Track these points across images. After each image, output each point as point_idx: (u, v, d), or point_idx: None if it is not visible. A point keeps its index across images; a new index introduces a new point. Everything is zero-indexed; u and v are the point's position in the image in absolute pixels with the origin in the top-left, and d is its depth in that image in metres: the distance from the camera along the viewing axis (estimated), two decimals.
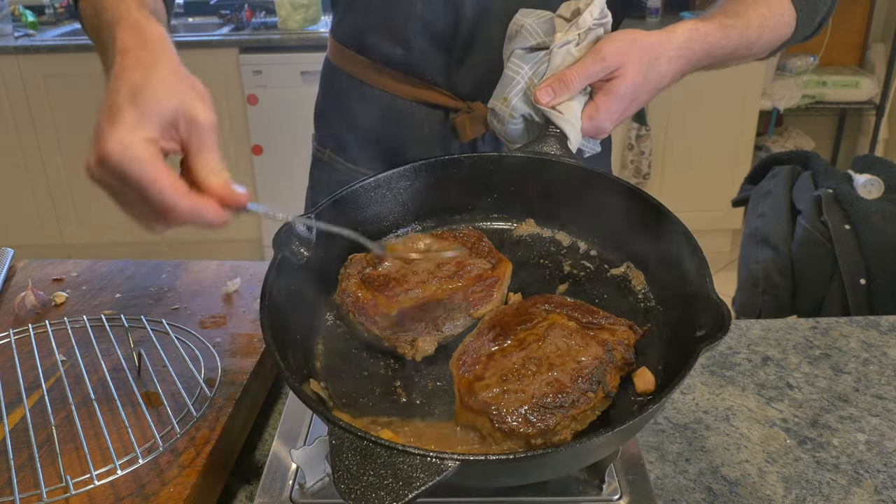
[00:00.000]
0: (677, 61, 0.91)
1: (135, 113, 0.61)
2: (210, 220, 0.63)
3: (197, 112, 0.64)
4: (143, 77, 0.64)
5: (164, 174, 0.61)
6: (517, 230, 0.95)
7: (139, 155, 0.60)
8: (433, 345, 0.78)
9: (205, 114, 0.64)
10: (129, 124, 0.61)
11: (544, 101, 0.88)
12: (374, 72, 1.16)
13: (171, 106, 0.63)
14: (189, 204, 0.62)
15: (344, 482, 0.55)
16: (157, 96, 0.63)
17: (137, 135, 0.61)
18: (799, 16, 1.03)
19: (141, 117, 0.61)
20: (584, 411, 0.69)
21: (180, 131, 0.64)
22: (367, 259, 0.86)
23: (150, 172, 0.60)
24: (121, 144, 0.60)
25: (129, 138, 0.60)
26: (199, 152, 0.64)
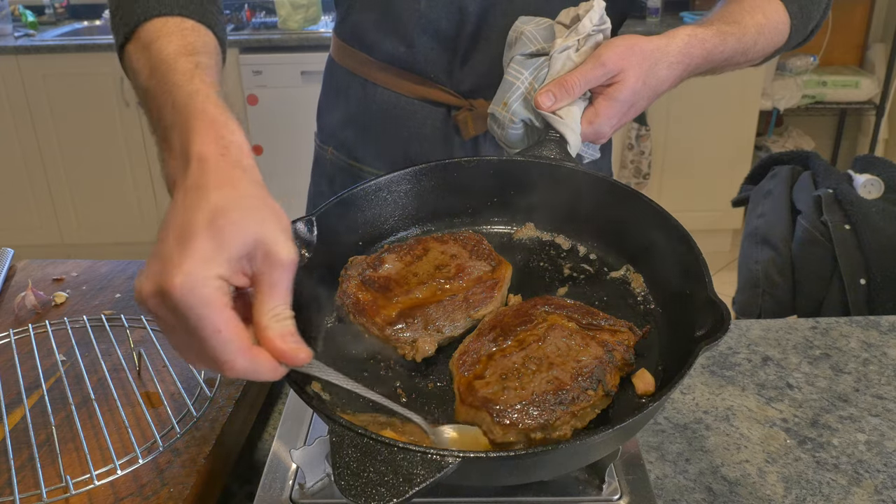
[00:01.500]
0: (676, 67, 0.92)
1: (211, 242, 0.53)
2: (264, 378, 0.57)
3: (279, 247, 0.56)
4: (227, 199, 0.55)
5: (229, 325, 0.53)
6: (517, 234, 0.96)
7: (207, 299, 0.52)
8: (433, 345, 0.78)
9: (287, 251, 0.56)
10: (202, 256, 0.53)
11: (545, 106, 0.88)
12: (376, 69, 1.16)
13: (252, 237, 0.55)
14: (246, 362, 0.55)
15: (344, 479, 0.55)
16: (240, 224, 0.54)
17: (210, 271, 0.53)
18: (793, 23, 1.04)
19: (217, 248, 0.53)
20: (584, 408, 0.69)
21: (255, 265, 0.56)
22: (367, 261, 0.86)
23: (214, 321, 0.53)
24: (189, 281, 0.52)
25: (201, 275, 0.52)
26: (270, 294, 0.56)
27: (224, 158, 0.58)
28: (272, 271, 0.56)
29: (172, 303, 0.52)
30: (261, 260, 0.56)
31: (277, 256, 0.56)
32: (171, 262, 0.52)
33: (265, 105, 3.53)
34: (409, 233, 0.95)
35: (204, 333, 0.53)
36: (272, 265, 0.56)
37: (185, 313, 0.52)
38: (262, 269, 0.56)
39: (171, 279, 0.52)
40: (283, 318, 0.57)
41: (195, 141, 0.59)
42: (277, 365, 0.57)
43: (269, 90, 3.51)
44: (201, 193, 0.55)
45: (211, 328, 0.53)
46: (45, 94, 3.58)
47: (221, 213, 0.54)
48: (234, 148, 0.59)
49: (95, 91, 3.56)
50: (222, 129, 0.60)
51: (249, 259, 0.55)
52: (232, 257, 0.54)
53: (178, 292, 0.51)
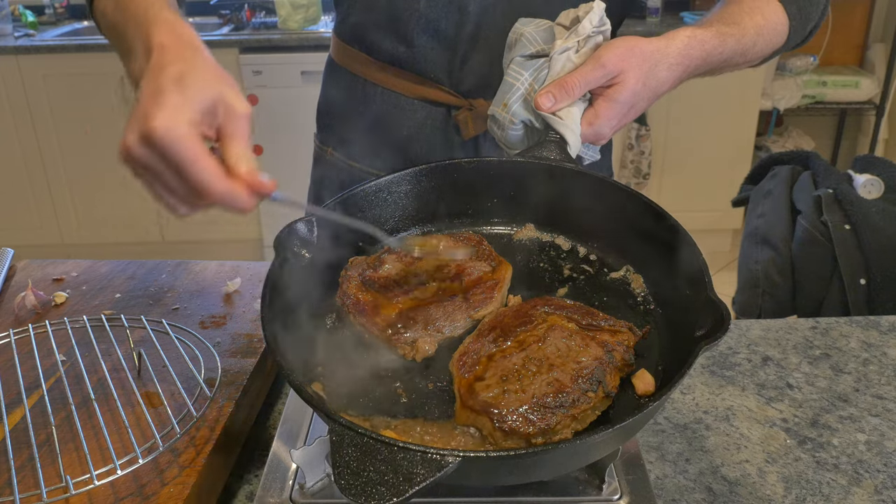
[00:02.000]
0: (676, 68, 0.92)
1: (180, 96, 0.64)
2: (240, 204, 0.66)
3: (235, 101, 0.67)
4: (186, 68, 0.67)
5: (204, 155, 0.64)
6: (517, 235, 0.96)
7: (183, 134, 0.62)
8: (433, 346, 0.78)
9: (241, 104, 0.68)
10: (173, 106, 0.63)
11: (545, 107, 0.88)
12: (376, 69, 1.16)
13: (212, 93, 0.66)
14: (224, 187, 0.64)
15: (344, 478, 0.56)
16: (200, 84, 0.66)
17: (182, 116, 0.63)
18: (792, 24, 1.04)
19: (185, 100, 0.64)
20: (584, 411, 0.69)
21: (217, 118, 0.67)
22: (367, 262, 0.86)
23: (192, 151, 0.63)
24: (166, 123, 0.62)
25: (174, 118, 0.63)
26: (233, 139, 0.67)
27: (180, 43, 0.71)
28: (233, 121, 0.67)
29: (154, 141, 0.62)
30: (222, 114, 0.67)
31: (235, 108, 0.67)
32: (149, 112, 0.63)
33: (265, 105, 3.53)
34: (409, 233, 0.95)
35: (184, 163, 0.63)
36: (232, 116, 0.67)
37: (166, 149, 0.62)
38: (224, 121, 0.67)
39: (151, 122, 0.62)
40: (248, 159, 0.67)
41: (154, 35, 0.71)
42: (250, 194, 0.66)
43: (269, 90, 3.51)
44: (166, 66, 0.67)
45: (189, 158, 0.63)
46: (45, 94, 3.58)
47: (184, 76, 0.66)
48: (186, 37, 0.72)
49: (95, 91, 3.56)
50: (175, 25, 0.73)
51: (212, 114, 0.66)
52: (198, 107, 0.65)
53: (159, 131, 0.62)
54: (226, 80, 0.69)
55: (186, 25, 0.74)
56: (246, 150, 0.68)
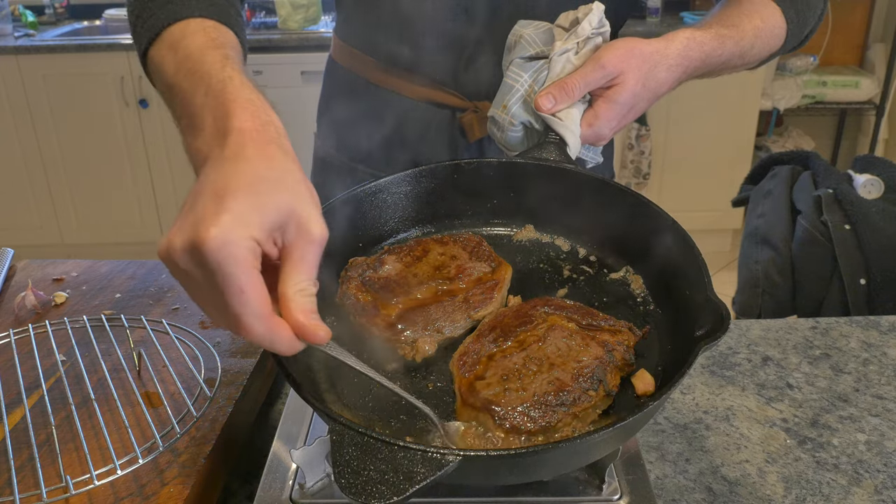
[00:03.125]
0: (675, 69, 0.92)
1: (250, 203, 0.54)
2: (281, 349, 0.57)
3: (312, 222, 0.57)
4: (267, 167, 0.56)
5: (254, 288, 0.53)
6: (517, 236, 0.96)
7: (238, 257, 0.52)
8: (433, 346, 0.78)
9: (318, 226, 0.57)
10: (240, 214, 0.53)
11: (545, 108, 0.89)
12: (380, 71, 1.16)
13: (288, 207, 0.55)
14: (264, 330, 0.55)
15: (344, 477, 0.56)
16: (278, 193, 0.55)
17: (245, 231, 0.53)
18: (789, 28, 1.04)
19: (255, 210, 0.54)
20: (585, 409, 0.69)
21: (286, 235, 0.56)
22: (367, 262, 0.87)
23: (241, 281, 0.53)
24: (225, 235, 0.52)
25: (236, 233, 0.52)
26: (297, 267, 0.56)
27: (263, 135, 0.59)
28: (303, 245, 0.56)
29: (203, 255, 0.52)
30: (293, 232, 0.56)
31: (310, 230, 0.56)
32: (208, 216, 0.52)
33: None
34: (409, 234, 0.95)
35: (228, 292, 0.53)
36: (304, 238, 0.56)
37: (214, 268, 0.52)
38: (293, 242, 0.56)
39: (207, 231, 0.51)
40: (308, 294, 0.57)
41: (234, 117, 0.60)
42: (295, 339, 0.57)
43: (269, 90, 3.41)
44: (242, 160, 0.56)
45: (236, 287, 0.53)
46: (45, 94, 3.58)
47: (261, 180, 0.55)
48: (271, 126, 0.61)
49: (95, 91, 3.56)
50: (259, 110, 0.62)
51: (282, 230, 0.56)
52: (268, 222, 0.54)
53: (212, 245, 0.51)
54: (307, 192, 0.58)
55: (270, 108, 0.63)
56: (308, 283, 0.57)
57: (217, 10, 0.79)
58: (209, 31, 0.75)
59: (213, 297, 0.54)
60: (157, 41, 0.77)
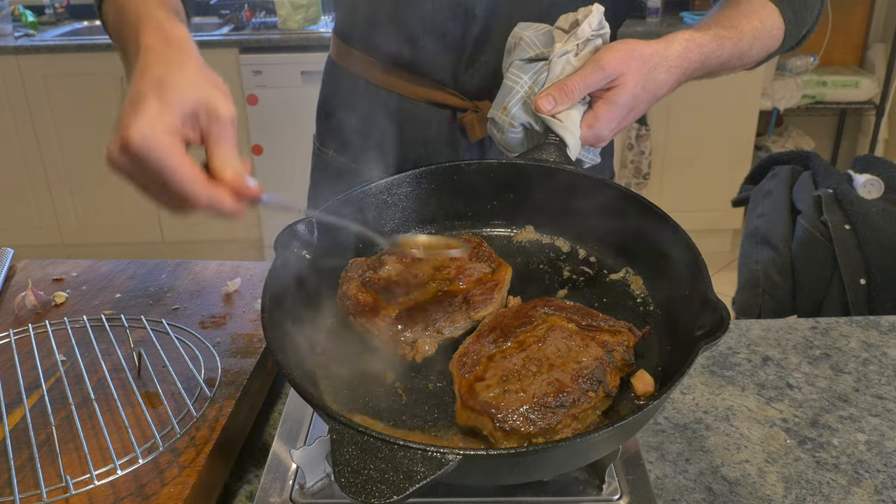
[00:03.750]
0: (675, 71, 0.92)
1: (158, 102, 0.63)
2: (227, 210, 0.65)
3: (218, 105, 0.65)
4: (167, 71, 0.66)
5: (183, 163, 0.62)
6: (517, 237, 0.96)
7: (161, 142, 0.61)
8: (433, 346, 0.78)
9: (226, 107, 0.66)
10: (152, 112, 0.62)
11: (545, 109, 0.89)
12: (380, 71, 1.16)
13: (194, 97, 0.64)
14: (207, 193, 0.63)
15: (344, 476, 0.56)
16: (181, 88, 0.64)
17: (160, 123, 0.62)
18: (787, 28, 1.05)
19: (164, 106, 0.63)
20: (585, 410, 0.69)
21: (201, 122, 0.65)
22: (367, 262, 0.87)
23: (170, 160, 0.61)
24: (143, 131, 0.61)
25: (152, 126, 0.61)
26: (217, 144, 0.66)
27: (166, 45, 0.69)
28: (217, 125, 0.65)
29: (133, 153, 0.61)
30: (205, 117, 0.65)
31: (219, 112, 0.65)
32: (127, 122, 0.62)
33: (265, 105, 3.53)
34: (408, 235, 0.95)
35: (165, 174, 0.62)
36: (216, 121, 0.65)
37: (145, 159, 0.61)
38: (207, 125, 0.65)
39: (129, 133, 0.61)
40: (234, 163, 0.66)
41: (142, 36, 0.70)
42: (236, 200, 0.65)
43: (269, 90, 3.51)
44: (146, 71, 0.66)
45: (170, 168, 0.61)
46: (45, 94, 3.58)
47: (164, 82, 0.64)
48: (174, 38, 0.70)
49: (95, 91, 3.56)
50: (165, 26, 0.71)
51: (196, 117, 0.65)
52: (177, 112, 0.63)
53: (136, 141, 0.61)
54: (210, 82, 0.67)
55: (177, 23, 0.73)
56: (230, 154, 0.66)
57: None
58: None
59: (158, 186, 0.63)
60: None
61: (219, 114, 0.65)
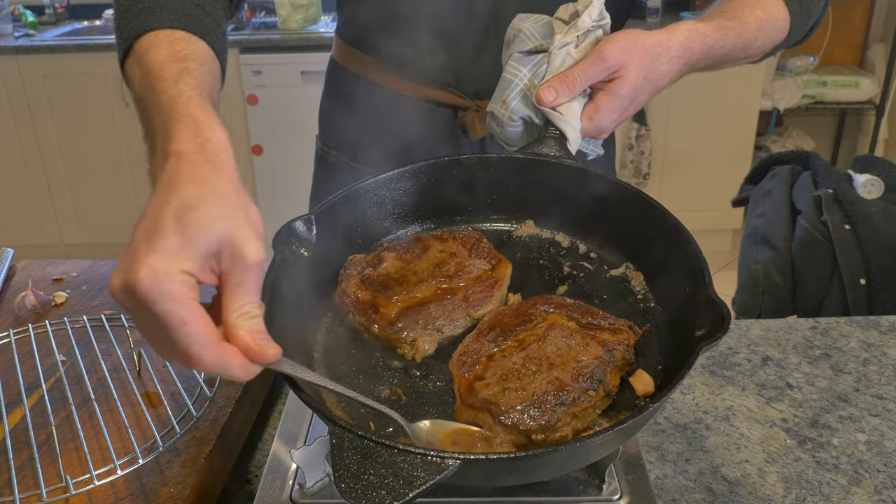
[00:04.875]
0: (677, 61, 0.91)
1: (178, 237, 0.54)
2: (235, 375, 0.56)
3: (246, 246, 0.56)
4: (197, 195, 0.56)
5: (194, 319, 0.53)
6: (517, 231, 0.95)
7: (172, 292, 0.53)
8: (433, 345, 0.78)
9: (254, 250, 0.56)
10: (168, 251, 0.53)
11: (546, 101, 0.88)
12: (381, 71, 1.16)
13: (220, 234, 0.55)
14: (214, 357, 0.55)
15: (344, 481, 0.55)
16: (208, 221, 0.55)
17: (174, 266, 0.53)
18: (793, 20, 1.03)
19: (183, 243, 0.54)
20: (585, 409, 0.69)
21: (222, 263, 0.56)
22: (366, 260, 0.86)
23: (179, 314, 0.53)
24: (154, 275, 0.52)
25: (165, 269, 0.52)
26: (236, 290, 0.56)
27: (199, 155, 0.58)
28: (239, 270, 0.56)
29: (137, 297, 0.52)
30: (228, 259, 0.56)
31: (244, 256, 0.56)
32: (137, 257, 0.53)
33: (265, 105, 3.53)
34: (408, 231, 0.95)
35: (170, 326, 0.53)
36: (238, 264, 0.56)
37: (150, 307, 0.52)
38: (228, 268, 0.56)
39: (136, 273, 0.52)
40: (252, 317, 0.57)
41: (174, 139, 0.60)
42: (248, 363, 0.56)
43: (269, 90, 3.51)
44: (172, 189, 0.56)
45: (176, 321, 0.53)
46: (45, 94, 3.58)
47: (189, 209, 0.55)
48: (210, 145, 0.59)
49: (95, 91, 3.56)
50: (202, 128, 0.60)
51: (217, 257, 0.56)
52: (198, 253, 0.54)
53: (142, 286, 0.52)
54: (244, 213, 0.57)
55: (216, 126, 0.61)
56: (251, 306, 0.57)
57: (189, 21, 0.77)
58: (175, 43, 0.73)
59: (161, 333, 0.54)
60: (130, 53, 0.76)
61: (245, 258, 0.56)
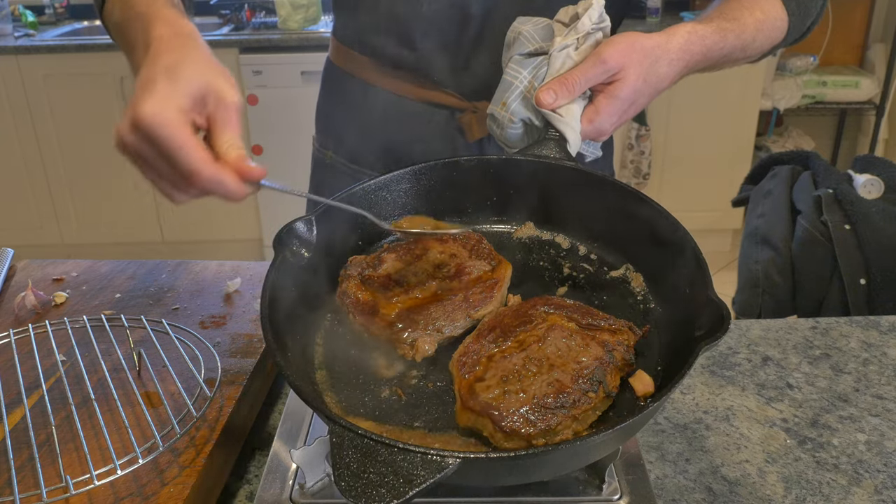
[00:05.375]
0: (677, 64, 0.92)
1: (169, 85, 0.67)
2: (230, 189, 0.68)
3: (225, 91, 0.70)
4: (178, 58, 0.70)
5: (191, 141, 0.66)
6: (517, 233, 0.95)
7: (170, 120, 0.65)
8: (433, 346, 0.78)
9: (232, 94, 0.70)
10: (162, 93, 0.66)
11: (546, 103, 0.88)
12: (378, 73, 1.16)
13: (203, 82, 0.68)
14: (211, 171, 0.66)
15: (344, 480, 0.56)
16: (191, 73, 0.68)
17: (170, 102, 0.66)
18: (791, 20, 1.04)
19: (174, 89, 0.67)
20: (585, 411, 0.69)
21: (208, 107, 0.69)
22: (367, 261, 0.86)
23: (178, 137, 0.65)
24: (154, 109, 0.65)
25: (162, 104, 0.65)
26: (223, 128, 0.69)
27: (176, 36, 0.73)
28: (223, 110, 0.69)
29: (143, 128, 0.65)
30: (212, 102, 0.69)
31: (225, 97, 0.69)
32: (139, 101, 0.65)
33: (265, 105, 3.53)
34: None
35: (171, 148, 0.65)
36: (222, 106, 0.69)
37: (154, 135, 0.65)
38: (214, 110, 0.69)
39: (140, 110, 0.65)
40: (238, 147, 0.69)
41: (153, 29, 0.74)
42: (239, 181, 0.68)
43: (269, 90, 3.51)
44: (158, 58, 0.70)
45: (176, 143, 0.65)
46: (45, 94, 3.58)
47: (175, 67, 0.68)
48: (183, 31, 0.75)
49: (95, 91, 3.56)
50: (174, 20, 0.76)
51: (203, 102, 0.69)
52: (187, 95, 0.67)
53: (146, 118, 0.64)
54: (218, 70, 0.71)
55: (186, 20, 0.77)
56: (235, 137, 0.70)
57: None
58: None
59: (164, 163, 0.67)
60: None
61: (226, 99, 0.69)
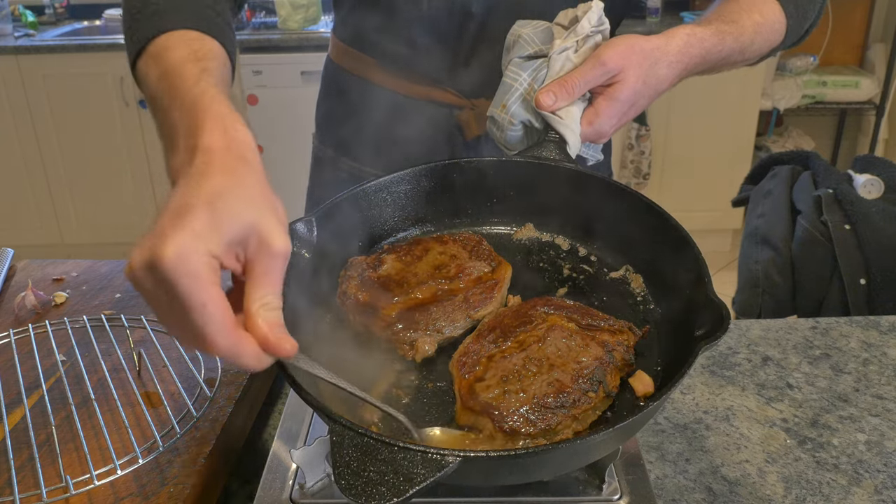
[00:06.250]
0: (676, 66, 0.92)
1: (208, 218, 0.53)
2: (246, 364, 0.56)
3: (273, 236, 0.56)
4: (227, 184, 0.56)
5: (215, 301, 0.53)
6: (517, 234, 0.96)
7: (195, 272, 0.52)
8: (433, 346, 0.78)
9: (280, 240, 0.56)
10: (197, 229, 0.53)
11: (546, 105, 0.88)
12: (377, 71, 1.16)
13: (249, 222, 0.55)
14: (229, 343, 0.54)
15: (344, 478, 0.56)
16: (238, 208, 0.55)
17: (202, 245, 0.53)
18: (789, 23, 1.04)
19: (212, 226, 0.53)
20: (585, 411, 0.69)
21: (248, 250, 0.56)
22: (367, 262, 0.86)
23: (201, 295, 0.52)
24: (181, 251, 0.51)
25: (191, 248, 0.52)
26: (260, 281, 0.56)
27: (229, 151, 0.59)
28: (265, 259, 0.56)
29: (161, 273, 0.52)
30: (254, 247, 0.56)
31: (271, 245, 0.56)
32: (165, 234, 0.52)
33: (265, 105, 3.53)
34: (408, 233, 0.95)
35: (189, 307, 0.52)
36: (265, 253, 0.56)
37: (173, 284, 0.52)
38: (255, 257, 0.56)
39: (163, 249, 0.51)
40: (272, 308, 0.57)
41: (203, 135, 0.60)
42: (262, 353, 0.56)
43: (269, 90, 3.51)
44: (203, 178, 0.56)
45: (197, 301, 0.52)
46: (45, 94, 3.58)
47: (220, 196, 0.55)
48: (238, 142, 0.60)
49: (95, 91, 3.56)
50: (229, 126, 0.61)
51: (243, 245, 0.56)
52: (226, 238, 0.54)
53: (169, 262, 0.51)
54: (270, 205, 0.58)
55: (241, 123, 0.62)
56: (273, 297, 0.57)
57: (203, 21, 0.79)
58: (191, 44, 0.75)
59: (178, 315, 0.54)
60: (143, 54, 0.77)
61: (271, 246, 0.56)
